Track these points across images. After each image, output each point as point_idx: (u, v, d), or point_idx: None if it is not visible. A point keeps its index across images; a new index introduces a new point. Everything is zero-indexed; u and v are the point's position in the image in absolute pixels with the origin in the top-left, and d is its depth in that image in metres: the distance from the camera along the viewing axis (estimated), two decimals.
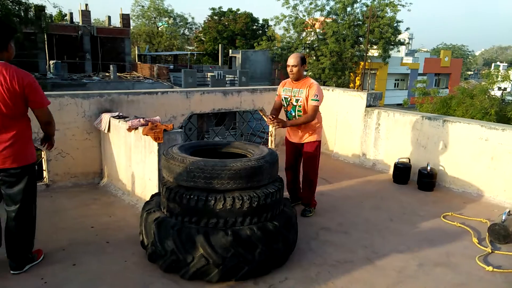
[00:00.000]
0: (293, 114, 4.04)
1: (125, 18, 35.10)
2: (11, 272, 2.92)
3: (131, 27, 41.30)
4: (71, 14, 35.80)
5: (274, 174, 3.14)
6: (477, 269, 3.20)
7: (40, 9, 19.11)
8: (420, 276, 3.07)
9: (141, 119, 4.15)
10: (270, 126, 6.64)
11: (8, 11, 15.74)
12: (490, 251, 3.47)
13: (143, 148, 4.05)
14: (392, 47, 31.82)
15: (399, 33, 31.53)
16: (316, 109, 3.96)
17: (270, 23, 38.25)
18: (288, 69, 3.98)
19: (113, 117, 4.53)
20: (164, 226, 2.91)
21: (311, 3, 30.38)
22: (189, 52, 42.83)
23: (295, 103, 4.00)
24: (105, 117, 4.54)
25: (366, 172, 5.68)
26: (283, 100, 4.11)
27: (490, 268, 3.17)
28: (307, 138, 4.09)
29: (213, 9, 45.49)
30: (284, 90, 4.11)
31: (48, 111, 2.90)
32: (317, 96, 3.92)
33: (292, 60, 3.94)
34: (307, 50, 31.84)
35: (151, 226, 2.98)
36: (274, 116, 3.96)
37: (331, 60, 29.54)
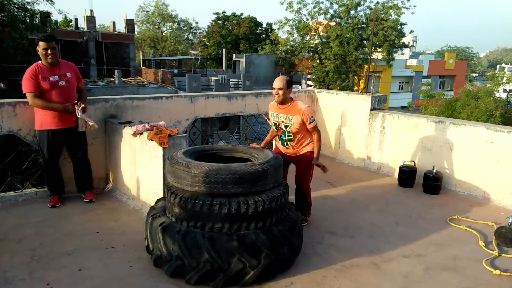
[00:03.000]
0: (284, 138, 3.98)
1: (130, 23, 35.31)
2: (85, 200, 4.37)
3: (136, 33, 41.57)
4: (76, 20, 36.14)
5: (278, 178, 3.14)
6: (484, 273, 3.17)
7: (46, 15, 19.27)
8: (426, 280, 3.05)
9: (146, 124, 4.16)
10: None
11: (14, 18, 15.87)
12: (497, 255, 3.44)
13: (148, 153, 4.06)
14: (396, 49, 31.74)
15: (403, 35, 31.47)
16: (317, 127, 3.91)
17: (274, 27, 38.28)
18: (274, 92, 3.88)
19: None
20: (169, 231, 2.91)
21: (314, 7, 30.42)
22: (193, 57, 42.99)
23: (284, 129, 3.94)
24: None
25: (371, 176, 5.66)
26: (273, 125, 4.07)
27: (497, 272, 3.14)
28: (303, 148, 4.00)
29: (217, 13, 45.72)
30: (272, 114, 4.05)
31: (30, 98, 4.09)
32: (312, 118, 3.85)
33: (277, 83, 3.83)
34: (311, 53, 31.87)
35: (156, 231, 2.98)
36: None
37: (335, 63, 29.52)
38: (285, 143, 4.01)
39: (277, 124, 4.00)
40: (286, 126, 3.91)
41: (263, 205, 2.88)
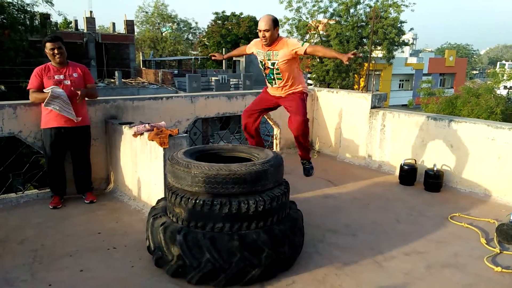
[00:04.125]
0: (272, 77, 3.77)
1: (129, 24, 35.33)
2: (86, 202, 4.40)
3: (136, 33, 41.59)
4: (76, 21, 36.15)
5: (279, 177, 3.14)
6: (486, 270, 3.17)
7: (46, 17, 19.31)
8: (427, 278, 3.05)
9: (147, 125, 4.17)
10: (275, 130, 6.65)
11: (14, 20, 15.90)
12: (499, 252, 3.44)
13: (149, 153, 4.06)
14: (396, 47, 31.73)
15: (403, 33, 31.44)
16: (315, 45, 3.67)
17: None
18: (260, 34, 3.58)
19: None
20: (171, 231, 2.91)
21: (314, 5, 30.40)
22: (193, 57, 43.02)
23: (271, 67, 3.70)
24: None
25: (372, 174, 5.66)
26: (259, 63, 3.83)
27: (499, 269, 3.14)
28: (294, 89, 3.73)
29: (216, 13, 45.74)
30: (258, 52, 3.78)
31: (29, 94, 4.21)
32: (298, 40, 3.62)
33: (263, 24, 3.52)
34: None
35: (157, 231, 2.99)
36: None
37: (335, 62, 29.50)
38: (273, 82, 3.76)
39: (263, 62, 3.74)
40: (273, 64, 3.65)
41: (264, 204, 2.88)
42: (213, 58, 4.44)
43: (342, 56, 3.63)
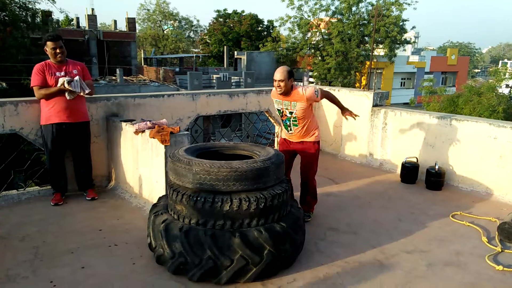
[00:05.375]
0: (289, 123, 3.93)
1: (131, 22, 35.34)
2: (87, 198, 4.42)
3: (137, 31, 41.61)
4: (77, 18, 36.14)
5: (280, 175, 3.13)
6: (487, 269, 3.17)
7: (47, 14, 19.31)
8: (429, 276, 3.04)
9: (148, 122, 4.17)
10: (277, 128, 6.64)
11: (16, 17, 15.90)
12: (500, 250, 3.44)
13: (150, 151, 4.06)
14: (398, 46, 31.70)
15: (405, 31, 31.39)
16: (325, 91, 3.93)
17: (275, 24, 38.27)
18: (275, 84, 3.75)
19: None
20: (172, 228, 2.91)
21: (316, 3, 30.39)
22: (194, 55, 43.03)
23: (289, 115, 3.87)
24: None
25: (373, 172, 5.65)
26: (276, 110, 4.01)
27: (500, 267, 3.14)
28: (309, 136, 3.94)
29: (218, 11, 45.65)
30: (276, 101, 3.98)
31: (35, 92, 4.19)
32: (315, 91, 3.77)
33: (278, 75, 3.69)
34: (312, 50, 31.82)
35: (158, 229, 2.99)
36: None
37: (337, 60, 29.48)
38: (289, 128, 3.94)
39: (281, 111, 3.92)
40: (291, 113, 3.85)
41: (265, 202, 2.88)
42: None
43: (344, 111, 4.19)
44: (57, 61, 4.25)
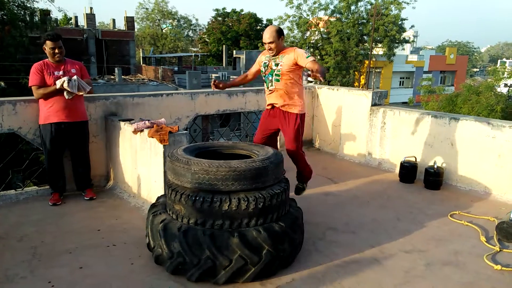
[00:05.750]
0: (270, 78, 3.75)
1: (130, 20, 35.27)
2: (86, 198, 4.40)
3: (136, 30, 41.54)
4: (76, 17, 36.09)
5: (279, 174, 3.13)
6: (485, 268, 3.17)
7: (46, 13, 19.27)
8: (427, 276, 3.04)
9: (147, 122, 4.16)
10: None
11: (14, 16, 15.86)
12: (498, 250, 3.44)
13: (149, 150, 4.06)
14: (397, 45, 31.71)
15: (404, 31, 31.41)
16: (315, 61, 3.55)
17: (274, 23, 38.23)
18: (266, 47, 3.61)
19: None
20: (170, 228, 2.91)
21: (315, 2, 30.36)
22: (193, 54, 42.98)
23: (274, 67, 3.69)
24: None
25: (372, 172, 5.65)
26: (262, 66, 3.84)
27: (499, 267, 3.14)
28: (291, 106, 3.78)
29: (216, 10, 45.62)
30: (265, 57, 3.82)
31: (34, 91, 4.17)
32: (306, 52, 3.57)
33: (267, 36, 3.50)
34: (312, 49, 31.80)
35: (157, 229, 2.98)
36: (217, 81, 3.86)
37: (336, 59, 29.49)
38: (270, 84, 3.76)
39: (267, 63, 3.74)
40: (276, 64, 3.66)
41: (264, 201, 2.88)
42: (213, 87, 4.11)
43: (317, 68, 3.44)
44: (55, 60, 4.24)
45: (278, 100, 3.83)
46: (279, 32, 3.56)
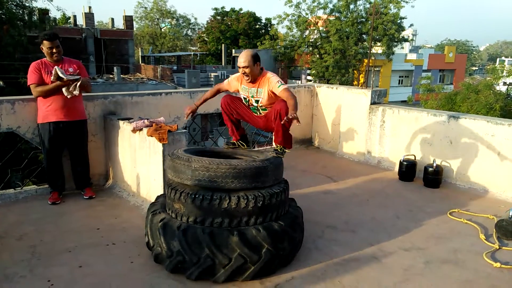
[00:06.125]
0: (256, 110, 3.70)
1: (128, 20, 35.18)
2: (85, 197, 4.40)
3: (134, 29, 41.45)
4: (74, 17, 36.00)
5: (279, 176, 3.14)
6: (485, 266, 3.17)
7: (44, 12, 19.24)
8: (427, 274, 3.05)
9: (146, 120, 4.16)
10: None
11: (12, 15, 15.84)
12: (498, 248, 3.44)
13: (148, 149, 4.05)
14: (396, 43, 31.65)
15: (403, 29, 31.36)
16: (289, 92, 3.38)
17: (273, 22, 38.26)
18: (240, 71, 3.47)
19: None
20: (170, 227, 2.91)
21: (314, 1, 30.28)
22: (192, 53, 42.93)
23: (255, 104, 3.62)
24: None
25: (371, 170, 5.65)
26: (243, 99, 3.75)
27: (498, 265, 3.15)
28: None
29: (215, 9, 45.56)
30: (242, 88, 3.68)
31: (32, 90, 4.15)
32: (279, 81, 3.44)
33: (242, 60, 3.39)
34: (310, 48, 31.79)
35: (156, 227, 2.98)
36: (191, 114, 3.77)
37: (335, 58, 29.45)
38: (258, 112, 3.70)
39: (247, 99, 3.64)
40: (257, 101, 3.57)
41: (263, 200, 2.88)
42: (186, 116, 4.03)
43: (291, 113, 3.26)
44: (53, 60, 4.23)
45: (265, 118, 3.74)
46: (255, 58, 3.44)
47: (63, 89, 4.14)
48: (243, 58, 3.40)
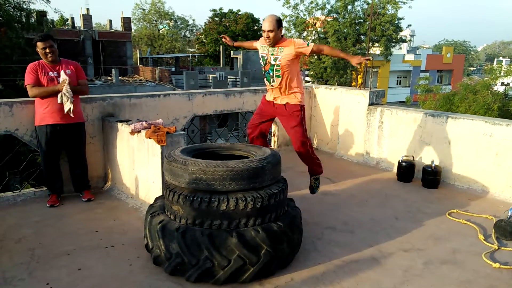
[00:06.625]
0: (271, 74, 3.76)
1: (126, 21, 35.19)
2: (84, 200, 4.38)
3: (133, 31, 41.43)
4: (72, 18, 35.99)
5: (277, 174, 3.13)
6: (484, 266, 3.18)
7: (42, 14, 19.20)
8: (426, 275, 3.05)
9: (144, 122, 4.15)
10: (273, 127, 6.63)
11: (10, 17, 15.80)
12: (497, 248, 3.45)
13: (146, 151, 4.05)
14: (393, 44, 31.71)
15: (401, 30, 31.41)
16: (319, 44, 3.63)
17: None
18: (264, 35, 3.61)
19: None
20: (169, 229, 2.90)
21: (311, 2, 30.29)
22: (190, 54, 42.91)
23: (273, 62, 3.70)
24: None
25: (370, 171, 5.66)
26: (260, 59, 3.85)
27: (497, 265, 3.15)
28: (290, 97, 3.80)
29: (213, 10, 45.57)
30: (261, 47, 3.82)
31: (29, 90, 4.13)
32: (304, 41, 3.66)
33: (267, 24, 3.53)
34: None
35: (155, 229, 2.98)
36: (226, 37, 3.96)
37: (333, 59, 29.45)
38: (271, 80, 3.79)
39: (265, 57, 3.74)
40: (275, 59, 3.68)
41: (262, 201, 2.88)
42: (223, 39, 4.40)
43: (352, 58, 3.67)
44: (49, 61, 4.22)
45: (279, 94, 3.85)
46: (279, 22, 3.58)
47: (58, 96, 4.12)
48: (268, 22, 3.54)
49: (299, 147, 3.92)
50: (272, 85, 3.84)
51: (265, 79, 3.92)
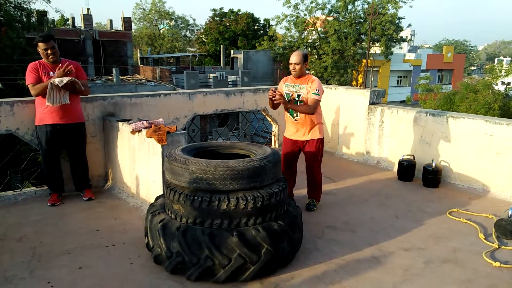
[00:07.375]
0: (294, 114, 4.10)
1: (127, 21, 35.17)
2: (84, 199, 4.41)
3: (133, 30, 41.42)
4: (73, 18, 35.99)
5: (277, 173, 3.13)
6: (484, 265, 3.18)
7: (42, 14, 19.20)
8: (426, 274, 3.05)
9: (145, 122, 4.16)
10: (274, 127, 6.64)
11: (11, 17, 15.80)
12: (497, 247, 3.45)
13: (147, 151, 4.05)
14: (394, 44, 31.70)
15: (401, 29, 31.41)
16: (316, 103, 3.99)
17: (272, 23, 38.17)
18: (291, 67, 4.03)
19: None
20: (169, 228, 2.91)
21: (312, 2, 30.30)
22: (191, 54, 42.88)
23: (296, 99, 4.05)
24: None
25: (371, 170, 5.66)
26: (284, 97, 4.09)
27: (497, 264, 3.15)
28: (309, 135, 4.14)
29: (214, 10, 45.50)
30: (286, 85, 4.17)
31: (30, 89, 4.12)
32: (318, 90, 3.97)
33: (294, 58, 4.00)
34: (309, 49, 31.80)
35: (156, 228, 2.98)
36: (276, 91, 4.00)
37: (333, 58, 29.48)
38: (295, 114, 4.11)
39: (290, 94, 4.09)
40: (298, 96, 4.03)
41: (262, 200, 2.88)
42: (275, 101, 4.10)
43: (287, 103, 4.05)
44: (50, 61, 4.22)
45: (303, 129, 4.14)
46: (305, 57, 4.03)
47: (46, 96, 4.04)
48: (295, 56, 4.00)
49: (311, 171, 4.24)
50: (295, 119, 4.14)
51: (288, 114, 4.18)
